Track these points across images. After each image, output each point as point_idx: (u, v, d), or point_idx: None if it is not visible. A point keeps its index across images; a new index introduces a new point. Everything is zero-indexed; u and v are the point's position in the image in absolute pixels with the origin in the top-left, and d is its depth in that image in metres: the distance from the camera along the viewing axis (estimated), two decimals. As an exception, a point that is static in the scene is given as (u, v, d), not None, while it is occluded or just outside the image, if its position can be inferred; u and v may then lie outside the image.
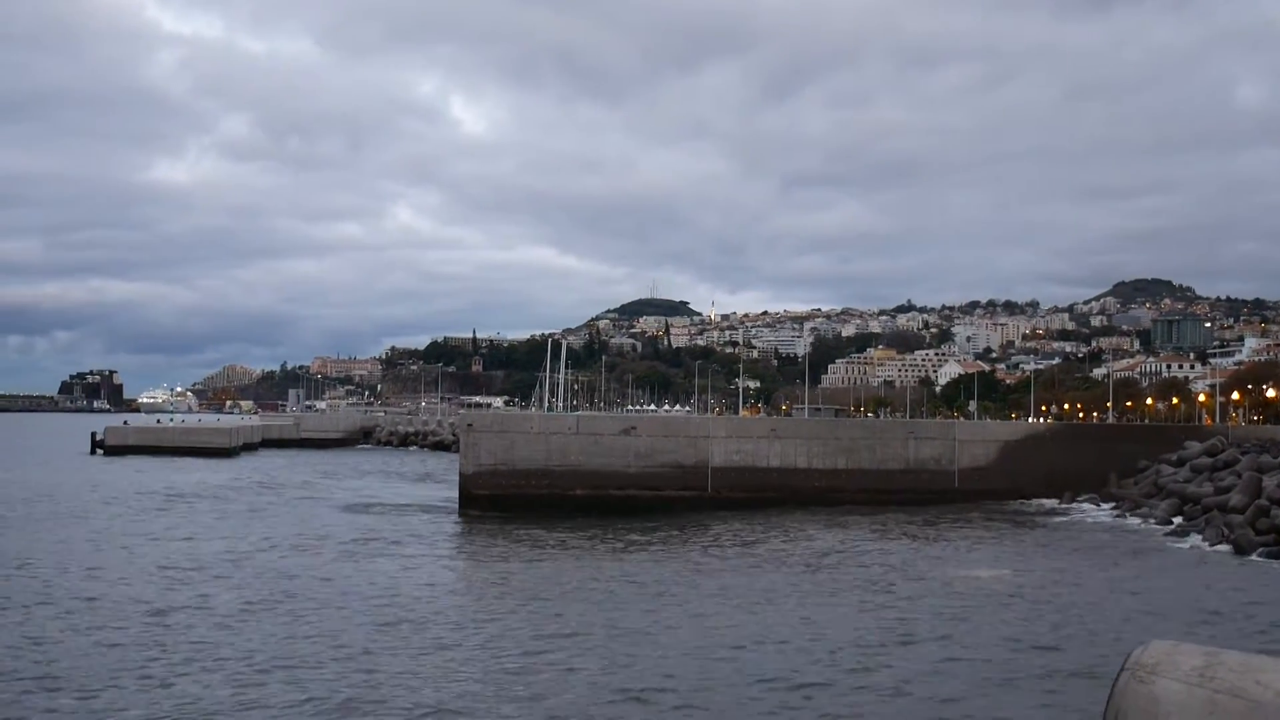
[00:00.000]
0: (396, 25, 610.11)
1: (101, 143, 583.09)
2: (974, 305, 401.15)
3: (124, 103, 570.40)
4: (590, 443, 45.36)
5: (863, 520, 40.05)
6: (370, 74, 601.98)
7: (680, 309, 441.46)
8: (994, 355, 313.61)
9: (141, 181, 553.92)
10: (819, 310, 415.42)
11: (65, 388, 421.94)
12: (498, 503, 43.37)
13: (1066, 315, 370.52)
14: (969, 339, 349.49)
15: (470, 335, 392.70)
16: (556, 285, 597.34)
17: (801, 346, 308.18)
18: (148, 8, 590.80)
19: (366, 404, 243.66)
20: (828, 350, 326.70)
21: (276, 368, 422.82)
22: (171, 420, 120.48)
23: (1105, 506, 43.72)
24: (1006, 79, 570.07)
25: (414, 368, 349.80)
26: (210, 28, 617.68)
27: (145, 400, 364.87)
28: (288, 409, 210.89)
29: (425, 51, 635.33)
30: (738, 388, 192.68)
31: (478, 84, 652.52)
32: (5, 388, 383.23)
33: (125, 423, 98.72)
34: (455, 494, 45.68)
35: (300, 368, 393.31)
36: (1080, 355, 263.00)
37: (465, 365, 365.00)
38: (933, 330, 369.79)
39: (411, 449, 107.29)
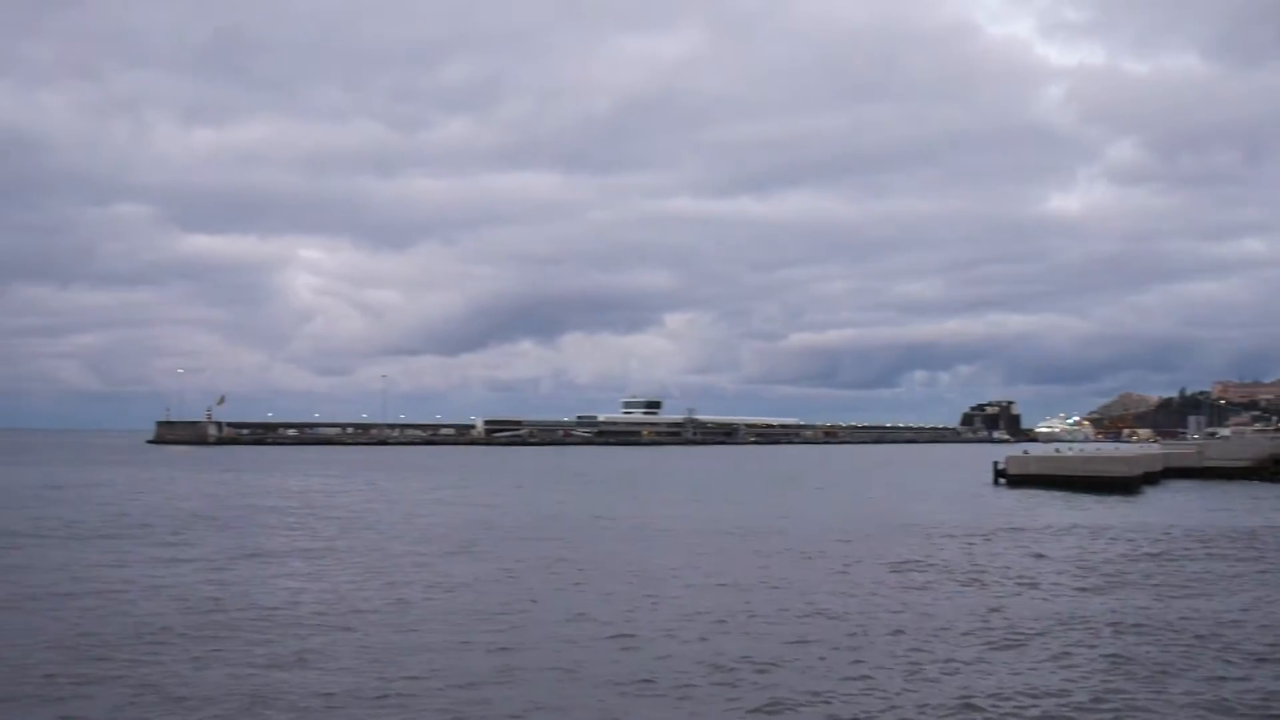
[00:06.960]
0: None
1: (995, 180, 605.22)
2: None
3: (1015, 139, 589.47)
4: None
5: None
6: (1265, 79, 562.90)
7: None
8: None
9: (1035, 214, 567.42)
10: None
11: (966, 419, 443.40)
12: None
13: None
14: None
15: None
16: None
17: None
18: (1035, 45, 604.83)
19: (1275, 429, 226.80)
20: None
21: (1174, 394, 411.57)
22: (1070, 449, 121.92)
23: None
24: None
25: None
26: (1093, 56, 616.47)
27: (1042, 430, 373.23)
28: (1186, 436, 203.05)
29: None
30: None
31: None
32: (912, 419, 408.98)
33: (1025, 451, 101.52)
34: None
35: (1200, 393, 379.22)
36: None
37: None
38: None
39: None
